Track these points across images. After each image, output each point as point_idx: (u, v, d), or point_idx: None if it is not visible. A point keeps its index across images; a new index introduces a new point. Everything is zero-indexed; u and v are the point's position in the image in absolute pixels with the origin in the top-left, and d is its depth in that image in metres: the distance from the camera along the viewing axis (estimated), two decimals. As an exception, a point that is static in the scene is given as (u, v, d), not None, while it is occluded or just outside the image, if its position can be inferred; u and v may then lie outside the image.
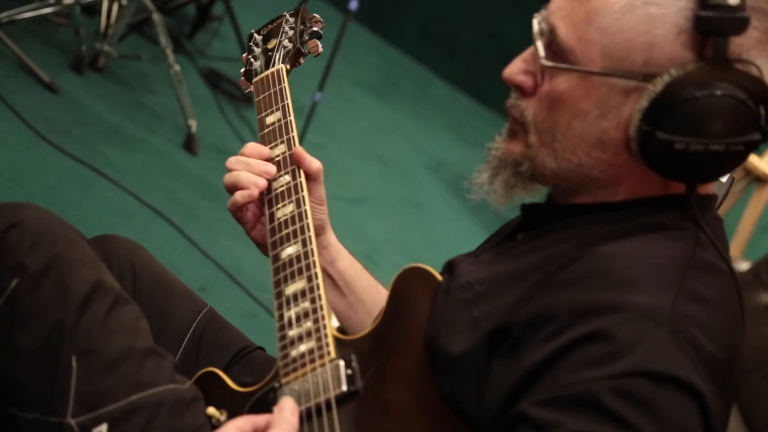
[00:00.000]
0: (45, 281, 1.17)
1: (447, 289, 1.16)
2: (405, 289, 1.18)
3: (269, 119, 1.40)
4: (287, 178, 1.32)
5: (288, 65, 1.48)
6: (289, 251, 1.25)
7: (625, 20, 1.04)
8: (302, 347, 1.15)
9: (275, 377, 1.16)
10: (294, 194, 1.30)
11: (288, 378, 1.13)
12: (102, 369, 1.15)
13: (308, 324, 1.16)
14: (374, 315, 1.20)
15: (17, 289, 1.17)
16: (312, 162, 1.34)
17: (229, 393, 1.22)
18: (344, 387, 1.10)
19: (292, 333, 1.17)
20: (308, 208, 1.28)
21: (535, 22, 1.09)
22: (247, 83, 1.50)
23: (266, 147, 1.36)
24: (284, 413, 1.03)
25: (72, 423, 1.13)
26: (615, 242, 1.06)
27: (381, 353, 1.13)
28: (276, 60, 1.49)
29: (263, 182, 1.31)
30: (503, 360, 1.03)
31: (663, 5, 1.03)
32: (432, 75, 5.53)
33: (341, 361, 1.12)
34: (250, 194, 1.30)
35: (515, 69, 1.13)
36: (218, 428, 1.04)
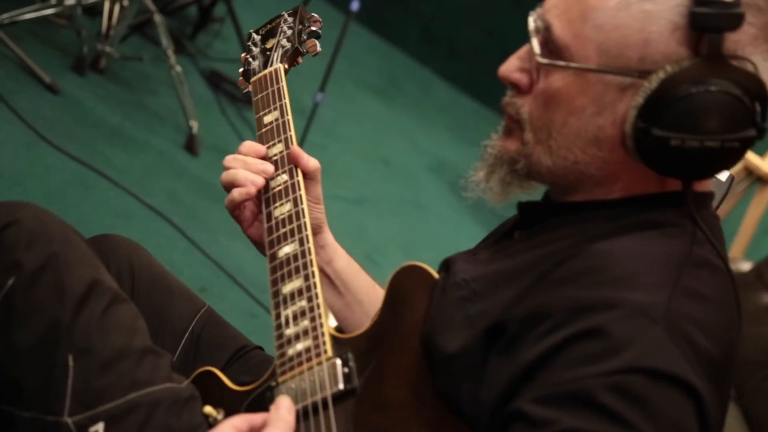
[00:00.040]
0: (42, 280, 1.17)
1: (443, 287, 1.15)
2: (402, 288, 1.18)
3: (267, 118, 1.40)
4: (284, 177, 1.33)
5: (286, 65, 1.48)
6: (286, 250, 1.25)
7: (620, 17, 1.04)
8: (299, 346, 1.15)
9: (272, 376, 1.16)
10: (291, 193, 1.30)
11: (285, 377, 1.13)
12: (99, 368, 1.15)
13: (305, 322, 1.16)
14: (372, 315, 1.20)
15: (14, 288, 1.17)
16: (309, 161, 1.34)
17: (227, 392, 1.22)
18: (341, 385, 1.10)
19: (289, 331, 1.17)
20: (305, 207, 1.29)
21: (531, 20, 1.09)
22: (246, 83, 1.50)
23: (262, 145, 1.36)
24: (281, 412, 1.03)
25: (69, 422, 1.13)
26: (611, 240, 1.06)
27: (378, 351, 1.13)
28: (274, 59, 1.49)
29: (261, 180, 1.31)
30: (499, 357, 1.03)
31: (658, 2, 1.03)
32: (433, 76, 5.53)
33: (338, 360, 1.12)
34: (248, 192, 1.31)
35: (511, 67, 1.13)
36: (215, 427, 1.04)
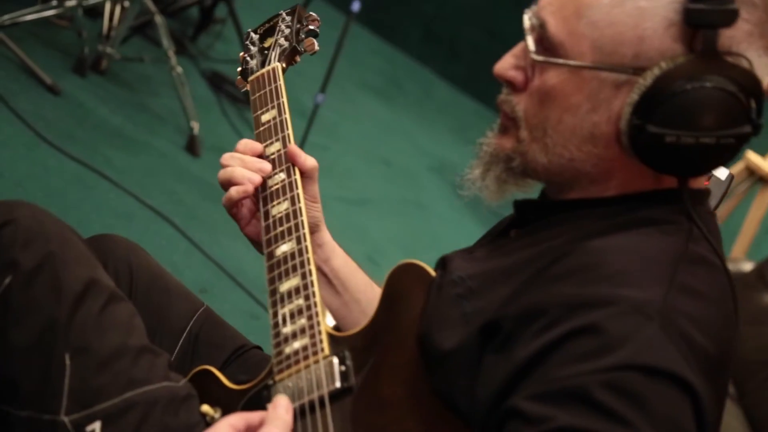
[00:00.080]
0: (38, 279, 1.17)
1: (440, 285, 1.15)
2: (399, 285, 1.18)
3: (264, 117, 1.41)
4: (282, 176, 1.32)
5: (284, 63, 1.48)
6: (284, 248, 1.25)
7: (615, 14, 1.03)
8: (296, 344, 1.15)
9: (269, 374, 1.16)
10: (288, 191, 1.30)
11: (282, 375, 1.13)
12: (95, 366, 1.15)
13: (302, 321, 1.16)
14: (369, 314, 1.20)
15: (10, 287, 1.17)
16: (306, 160, 1.34)
17: (224, 390, 1.22)
18: (338, 384, 1.10)
19: (286, 330, 1.17)
20: (303, 206, 1.28)
21: (526, 18, 1.09)
22: (244, 81, 1.51)
23: (259, 143, 1.36)
24: (278, 411, 1.03)
25: (65, 421, 1.13)
26: (606, 237, 1.06)
27: (375, 349, 1.13)
28: (272, 58, 1.49)
29: (258, 178, 1.31)
30: (494, 355, 1.03)
31: None
32: (434, 76, 5.53)
33: (335, 358, 1.12)
34: (245, 190, 1.31)
35: (506, 64, 1.13)
36: (212, 426, 1.04)
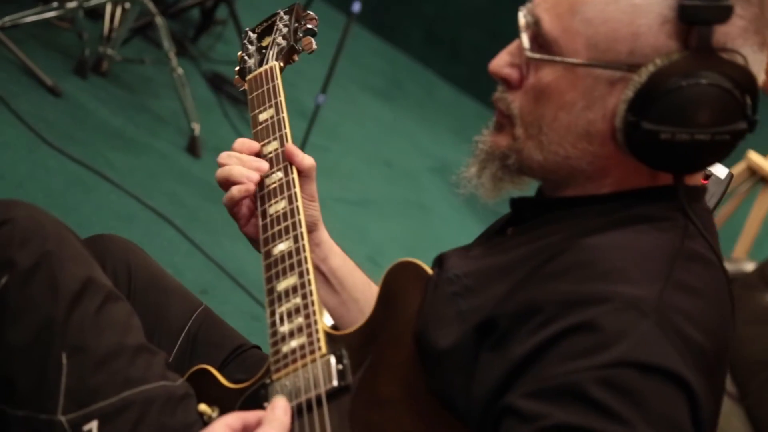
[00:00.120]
0: (35, 278, 1.17)
1: (436, 283, 1.15)
2: (395, 284, 1.18)
3: (262, 116, 1.40)
4: (279, 175, 1.32)
5: (281, 62, 1.48)
6: (281, 247, 1.25)
7: (609, 11, 1.03)
8: (293, 343, 1.15)
9: (267, 373, 1.16)
10: (286, 190, 1.30)
11: (279, 374, 1.13)
12: (92, 366, 1.15)
13: (299, 320, 1.16)
14: (367, 313, 1.19)
15: (7, 286, 1.17)
16: (304, 158, 1.34)
17: (221, 390, 1.22)
18: (335, 382, 1.10)
19: (284, 329, 1.16)
20: (300, 204, 1.28)
21: (521, 15, 1.09)
22: (241, 81, 1.50)
23: (256, 142, 1.36)
24: (277, 412, 1.02)
25: (62, 420, 1.13)
26: (602, 234, 1.05)
27: (372, 348, 1.13)
28: (269, 57, 1.49)
29: (256, 176, 1.31)
30: (490, 353, 1.03)
31: None
32: (436, 77, 5.52)
33: (332, 357, 1.12)
34: (247, 189, 1.31)
35: (501, 62, 1.13)
36: (208, 426, 1.04)
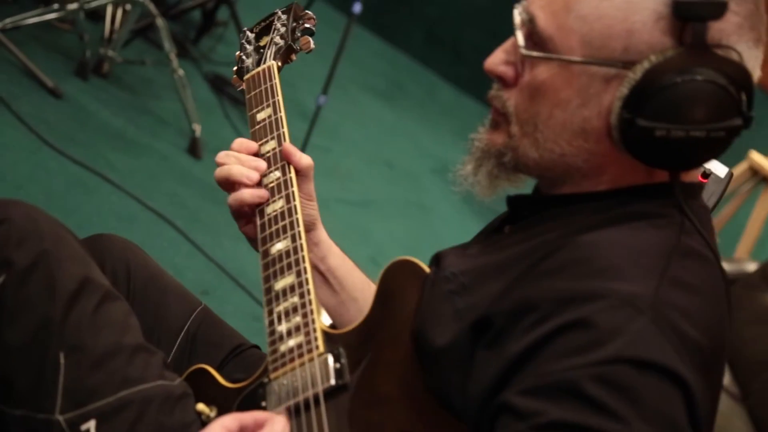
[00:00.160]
0: (32, 277, 1.17)
1: (433, 282, 1.15)
2: (393, 282, 1.18)
3: (260, 116, 1.40)
4: (277, 174, 1.32)
5: (279, 62, 1.48)
6: (279, 247, 1.25)
7: (604, 7, 1.03)
8: (291, 342, 1.15)
9: (264, 372, 1.16)
10: (284, 190, 1.30)
11: (277, 373, 1.13)
12: (90, 365, 1.15)
13: (297, 319, 1.16)
14: (365, 312, 1.20)
15: (4, 286, 1.17)
16: (302, 158, 1.34)
17: (219, 389, 1.22)
18: (332, 381, 1.10)
19: (281, 328, 1.17)
20: (298, 204, 1.28)
21: (516, 12, 1.09)
22: (239, 80, 1.50)
23: (254, 142, 1.36)
24: (275, 428, 1.03)
25: (60, 419, 1.13)
26: (598, 231, 1.05)
27: (369, 346, 1.13)
28: (267, 57, 1.48)
29: (256, 176, 1.31)
30: (486, 350, 1.03)
31: None
32: (437, 78, 5.52)
33: (330, 356, 1.12)
34: (260, 196, 1.30)
35: (496, 60, 1.13)
36: (206, 426, 1.04)
